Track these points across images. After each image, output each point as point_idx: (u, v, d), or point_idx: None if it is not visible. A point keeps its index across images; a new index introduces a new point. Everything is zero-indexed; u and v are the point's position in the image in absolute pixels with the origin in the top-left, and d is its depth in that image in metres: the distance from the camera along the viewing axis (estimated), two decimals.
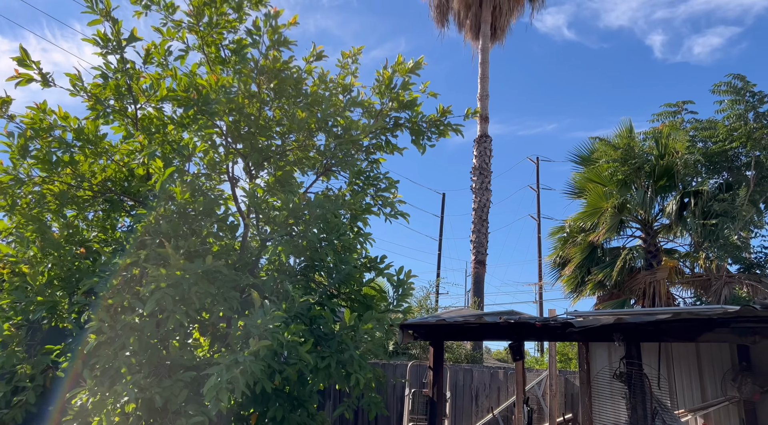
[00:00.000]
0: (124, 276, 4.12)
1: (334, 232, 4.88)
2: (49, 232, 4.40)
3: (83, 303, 3.93)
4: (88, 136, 4.71)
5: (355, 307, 5.23)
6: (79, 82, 4.51)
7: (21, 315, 3.98)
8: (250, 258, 5.34)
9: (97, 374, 3.85)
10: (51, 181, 4.67)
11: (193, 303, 3.95)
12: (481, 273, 16.63)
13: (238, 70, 5.25)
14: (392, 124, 5.55)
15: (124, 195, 5.18)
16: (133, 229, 4.62)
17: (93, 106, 4.61)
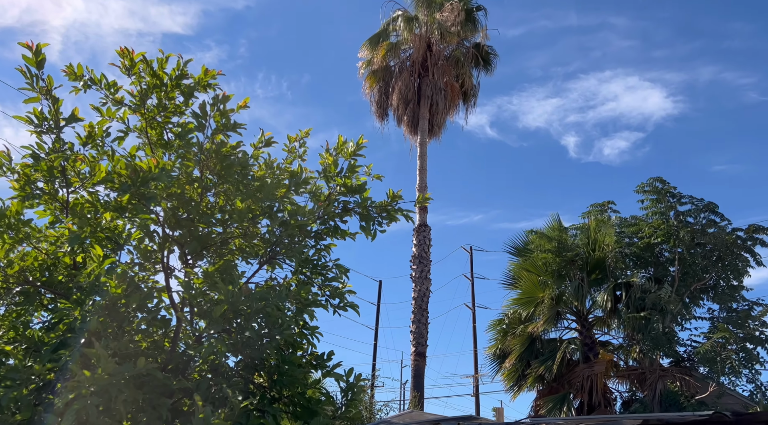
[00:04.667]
0: (36, 382, 3.56)
1: (277, 328, 4.54)
2: None
3: None
4: (9, 220, 4.25)
5: (298, 413, 4.78)
6: (8, 160, 4.13)
7: None
8: (181, 356, 4.84)
9: None
10: None
11: (119, 413, 3.44)
12: (422, 365, 16.20)
13: (181, 154, 5.03)
14: (341, 209, 5.43)
15: (44, 287, 4.65)
16: (53, 326, 4.10)
17: (21, 187, 4.20)
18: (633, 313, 11.09)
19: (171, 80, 4.86)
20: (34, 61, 4.20)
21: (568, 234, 13.12)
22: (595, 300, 12.67)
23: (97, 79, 4.83)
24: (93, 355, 3.41)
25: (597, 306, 12.58)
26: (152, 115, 4.96)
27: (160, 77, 4.83)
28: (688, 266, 11.00)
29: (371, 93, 20.15)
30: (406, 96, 18.98)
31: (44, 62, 4.26)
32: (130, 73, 4.81)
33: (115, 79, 4.91)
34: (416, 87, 19.16)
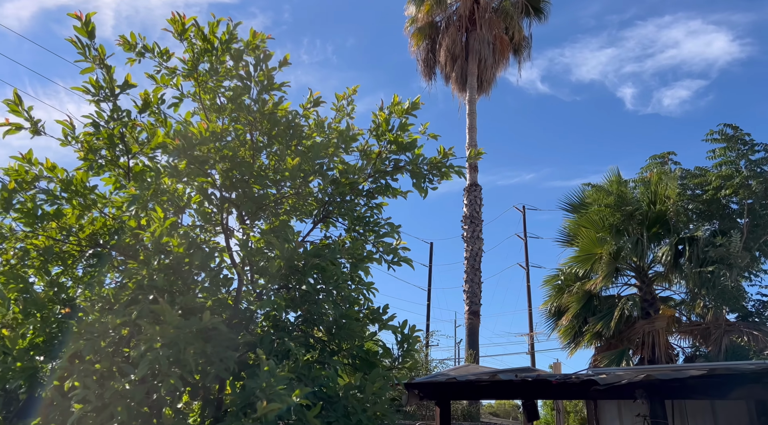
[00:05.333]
0: (113, 336, 3.79)
1: (333, 282, 4.63)
2: (32, 291, 4.08)
3: (66, 370, 3.58)
4: (76, 188, 4.47)
5: (357, 365, 4.91)
6: (72, 129, 4.31)
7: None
8: (244, 313, 5.03)
9: None
10: (35, 236, 4.38)
11: (189, 364, 3.62)
12: (476, 324, 16.26)
13: (234, 118, 5.11)
14: (392, 167, 5.40)
15: (114, 249, 4.90)
16: (124, 285, 4.33)
17: (85, 156, 4.39)
18: (697, 268, 10.67)
19: (221, 44, 4.91)
20: (84, 31, 4.30)
21: (627, 187, 12.64)
22: (655, 255, 12.26)
23: (150, 47, 4.93)
24: (159, 311, 3.58)
25: (657, 261, 12.18)
26: (204, 80, 5.04)
27: (211, 42, 4.87)
28: (758, 218, 10.42)
29: (417, 51, 19.74)
30: (454, 52, 18.48)
31: (94, 32, 4.36)
32: (182, 39, 4.88)
33: (167, 47, 5.00)
34: (464, 42, 18.60)
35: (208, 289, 4.91)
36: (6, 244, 4.19)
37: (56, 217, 4.36)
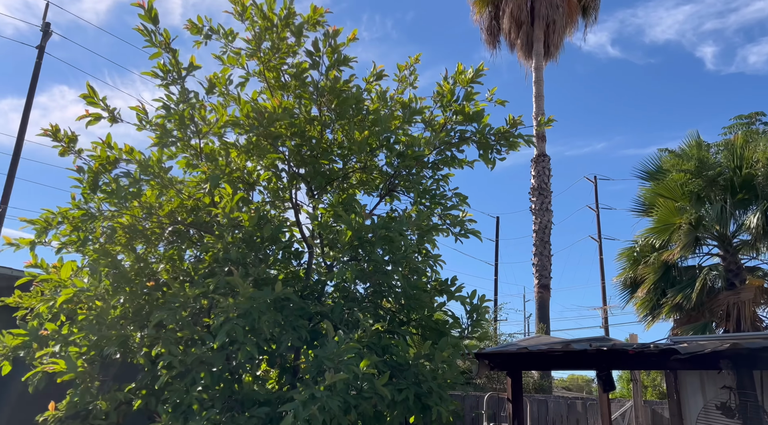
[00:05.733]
0: (193, 307, 4.01)
1: (401, 254, 4.66)
2: (120, 266, 4.37)
3: (154, 337, 3.84)
4: (153, 169, 4.70)
5: (426, 335, 4.95)
6: (145, 114, 4.53)
7: (93, 351, 3.92)
8: (315, 285, 5.18)
9: (169, 409, 3.72)
10: (120, 215, 4.67)
11: (263, 333, 3.79)
12: (546, 297, 15.95)
13: (298, 95, 5.19)
14: (458, 138, 5.32)
15: (190, 226, 5.14)
16: (201, 259, 4.55)
17: (159, 138, 4.61)
18: None
19: (280, 21, 4.96)
20: (148, 17, 4.47)
21: (708, 152, 11.84)
22: (741, 223, 11.47)
23: (216, 29, 5.06)
24: (234, 283, 3.74)
25: (744, 229, 11.39)
26: (268, 58, 5.13)
27: (270, 19, 4.94)
28: None
29: (480, 19, 19.19)
30: (519, 18, 17.84)
31: (158, 18, 4.51)
32: (243, 18, 4.98)
33: (232, 27, 5.12)
34: (529, 7, 17.90)
35: (280, 262, 5.09)
36: (95, 224, 4.49)
37: (137, 197, 4.61)
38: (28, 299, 4.33)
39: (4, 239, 4.44)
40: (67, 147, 4.25)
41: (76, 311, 4.32)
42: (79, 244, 4.53)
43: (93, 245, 4.54)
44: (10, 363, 4.20)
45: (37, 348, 4.20)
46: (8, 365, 4.17)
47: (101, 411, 3.97)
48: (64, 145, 4.23)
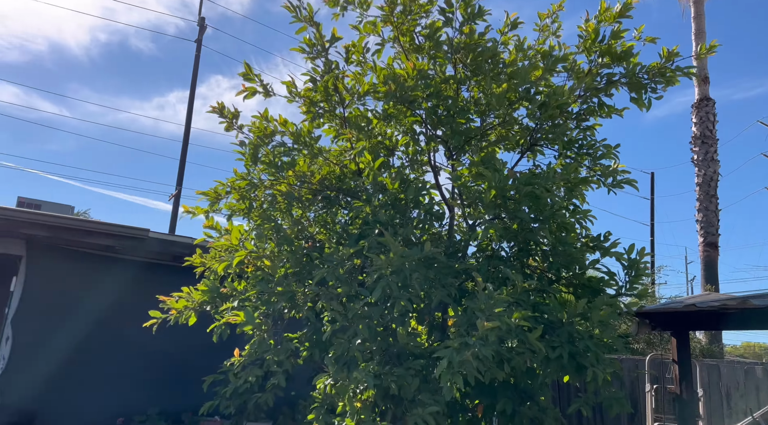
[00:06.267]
0: (348, 265, 4.27)
1: (547, 210, 4.49)
2: (281, 230, 4.78)
3: (316, 293, 4.16)
4: (304, 139, 5.01)
5: (578, 293, 4.76)
6: (294, 88, 4.83)
7: (265, 306, 4.37)
8: (459, 244, 5.21)
9: (332, 361, 4.04)
10: (278, 183, 5.07)
11: (415, 289, 3.92)
12: (713, 256, 14.45)
13: (432, 56, 5.17)
14: (605, 83, 4.95)
15: (339, 192, 5.44)
16: (352, 222, 4.80)
17: (307, 109, 4.90)
18: None
19: None
20: None
21: None
22: None
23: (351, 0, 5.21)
24: (385, 242, 3.90)
25: None
26: (401, 22, 5.16)
27: None
28: None
29: None
30: None
31: None
32: None
33: None
34: None
35: (422, 224, 5.20)
36: (258, 192, 4.94)
37: (292, 166, 4.97)
38: (209, 260, 4.92)
39: (183, 208, 5.08)
40: (231, 122, 4.69)
41: (246, 270, 4.84)
42: (245, 211, 5.03)
43: (257, 211, 5.02)
44: (196, 316, 4.83)
45: (219, 303, 4.79)
46: (194, 317, 4.80)
47: (274, 361, 4.44)
48: (228, 121, 4.67)
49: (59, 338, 6.64)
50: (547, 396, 4.49)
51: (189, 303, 4.79)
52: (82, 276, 6.95)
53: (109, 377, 6.86)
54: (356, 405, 3.60)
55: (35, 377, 6.45)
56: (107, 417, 6.68)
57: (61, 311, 6.71)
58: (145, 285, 7.11)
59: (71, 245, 6.76)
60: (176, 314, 4.78)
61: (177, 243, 6.97)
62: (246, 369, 4.40)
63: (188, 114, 17.06)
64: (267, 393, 4.66)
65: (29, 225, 6.28)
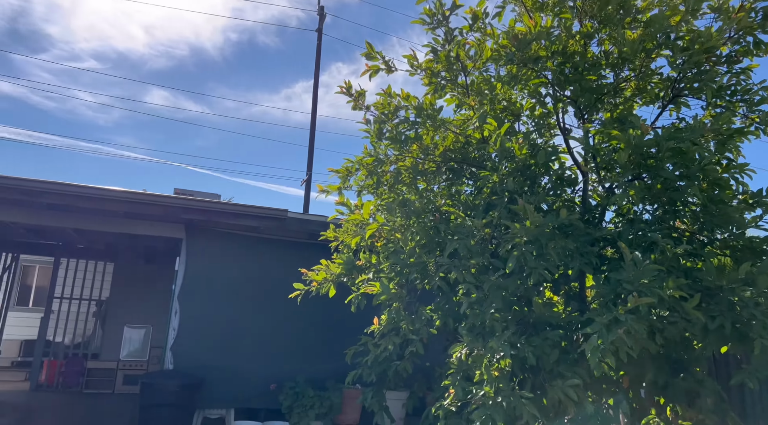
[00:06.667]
0: (478, 236, 4.24)
1: (696, 166, 4.08)
2: (409, 203, 4.87)
3: (448, 265, 4.20)
4: (426, 112, 5.01)
5: (738, 256, 4.31)
6: (415, 61, 4.83)
7: (398, 277, 4.50)
8: (595, 209, 4.94)
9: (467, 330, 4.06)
10: (403, 158, 5.15)
11: (552, 259, 3.80)
12: None
13: (557, 12, 4.87)
14: (761, 18, 4.34)
15: (463, 162, 5.39)
16: (479, 192, 4.75)
17: (429, 81, 4.88)
18: None
19: None
20: None
21: None
22: None
23: None
24: (519, 210, 3.80)
25: None
26: None
27: None
28: None
29: None
30: None
31: None
32: None
33: None
34: None
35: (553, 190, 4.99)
36: (384, 167, 5.05)
37: (416, 140, 5.01)
38: (342, 234, 5.16)
39: (318, 187, 5.35)
40: (357, 101, 4.82)
41: (376, 244, 5.00)
42: (373, 187, 5.18)
43: (384, 187, 5.15)
44: (335, 288, 5.11)
45: (355, 275, 5.03)
46: (333, 289, 5.08)
47: (410, 329, 4.57)
48: (354, 100, 4.81)
49: (217, 311, 7.39)
50: (702, 367, 4.16)
51: (327, 275, 5.08)
52: (232, 254, 7.65)
53: (262, 346, 7.52)
54: (493, 374, 3.60)
55: (200, 345, 7.26)
56: (262, 383, 7.35)
57: (216, 286, 7.45)
58: (285, 261, 7.66)
59: (222, 227, 7.45)
60: (317, 286, 5.10)
61: (312, 221, 7.39)
62: (385, 337, 4.58)
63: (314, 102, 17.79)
64: (405, 360, 4.83)
65: (187, 210, 7.01)
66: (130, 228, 7.41)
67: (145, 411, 6.46)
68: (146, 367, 11.88)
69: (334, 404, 7.11)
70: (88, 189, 6.66)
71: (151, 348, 12.21)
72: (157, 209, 6.98)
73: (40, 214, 7.01)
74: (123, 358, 12.01)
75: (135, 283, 12.31)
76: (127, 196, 6.85)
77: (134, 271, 12.41)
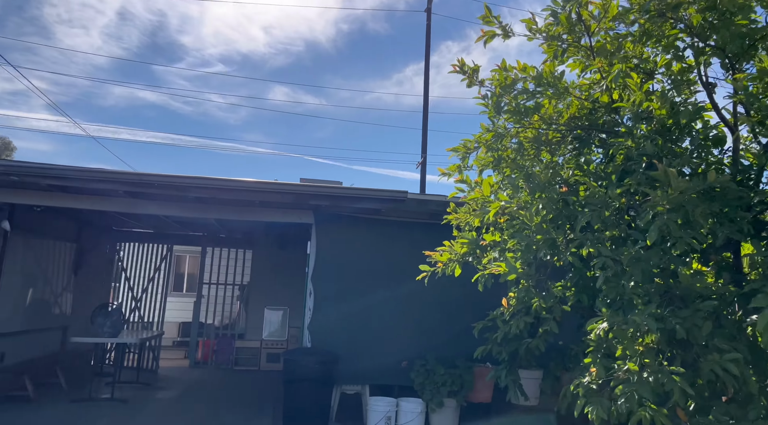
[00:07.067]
0: (613, 206, 3.98)
1: None
2: (533, 176, 4.69)
3: (580, 239, 3.99)
4: (547, 80, 4.77)
5: None
6: (534, 24, 4.60)
7: (526, 254, 4.36)
8: (748, 170, 4.43)
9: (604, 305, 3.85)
10: (524, 130, 4.96)
11: (698, 225, 3.47)
12: None
13: None
14: None
15: (591, 129, 5.08)
16: (612, 158, 4.45)
17: (549, 45, 4.64)
18: None
19: None
20: None
21: None
22: None
23: None
24: (659, 176, 3.50)
25: None
26: None
27: None
28: None
29: None
30: None
31: None
32: None
33: None
34: None
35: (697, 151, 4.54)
36: (504, 141, 4.91)
37: (536, 110, 4.80)
38: (463, 214, 5.12)
39: (439, 170, 5.33)
40: (472, 78, 4.71)
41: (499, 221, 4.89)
42: (493, 163, 5.06)
43: (506, 162, 5.00)
44: (460, 267, 5.08)
45: (480, 254, 4.96)
46: (458, 268, 5.06)
47: (541, 307, 4.43)
48: (469, 77, 4.71)
49: (346, 291, 7.72)
50: None
51: (452, 255, 5.06)
52: (357, 237, 7.93)
53: (390, 325, 7.74)
54: (638, 349, 3.38)
55: (333, 324, 7.64)
56: (393, 360, 7.58)
57: (344, 268, 7.78)
58: (406, 242, 7.78)
59: (346, 211, 7.74)
60: (442, 266, 5.11)
61: (431, 201, 7.41)
62: (515, 317, 4.48)
63: (425, 83, 17.75)
64: (538, 338, 4.70)
65: (315, 197, 7.38)
66: (264, 216, 7.96)
67: (289, 386, 6.95)
68: (286, 346, 12.78)
69: (465, 382, 7.14)
70: (228, 181, 7.25)
71: (289, 328, 13.10)
72: (288, 197, 7.42)
73: (189, 207, 7.76)
74: (265, 338, 13.02)
75: (271, 268, 13.26)
76: (261, 186, 7.36)
77: (270, 257, 13.36)
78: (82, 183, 6.99)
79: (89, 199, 7.49)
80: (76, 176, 6.91)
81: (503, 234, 4.94)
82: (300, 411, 6.87)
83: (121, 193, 7.24)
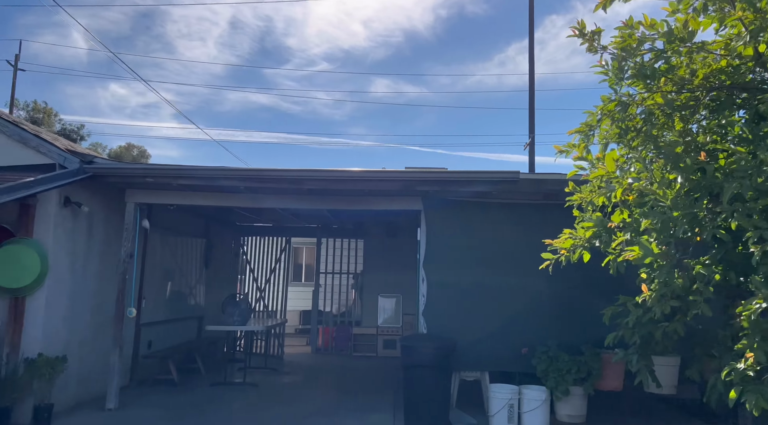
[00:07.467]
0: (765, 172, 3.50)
1: None
2: (664, 146, 4.26)
3: (728, 211, 3.56)
4: (679, 36, 4.29)
5: None
6: None
7: (663, 233, 3.97)
8: None
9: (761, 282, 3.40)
10: (651, 97, 4.52)
11: None
12: None
13: None
14: None
15: (731, 88, 4.52)
16: (763, 119, 3.92)
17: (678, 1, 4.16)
18: None
19: None
20: None
21: None
22: None
23: None
24: None
25: None
26: None
27: None
28: None
29: None
30: None
31: None
32: None
33: None
34: None
35: None
36: (631, 110, 4.50)
37: (667, 72, 4.35)
38: (588, 193, 4.77)
39: (555, 148, 4.98)
40: (592, 42, 4.36)
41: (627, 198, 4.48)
42: (619, 135, 4.65)
43: (633, 133, 4.58)
44: (589, 252, 4.72)
45: (607, 237, 4.58)
46: (587, 254, 4.71)
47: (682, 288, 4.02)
48: (589, 40, 4.36)
49: (459, 276, 7.59)
50: None
51: (576, 241, 4.73)
52: (467, 221, 7.75)
53: (507, 310, 7.50)
54: None
55: (448, 310, 7.56)
56: (511, 347, 7.35)
57: (456, 253, 7.65)
58: (520, 224, 7.50)
59: (455, 195, 7.60)
60: (566, 253, 4.79)
61: (547, 180, 7.06)
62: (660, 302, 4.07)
63: (530, 60, 16.93)
64: (675, 322, 4.29)
65: (423, 182, 7.33)
66: (373, 204, 8.03)
67: (408, 371, 6.99)
68: (400, 333, 12.95)
69: (592, 369, 6.76)
70: (338, 172, 7.41)
71: (403, 315, 13.25)
72: (395, 184, 7.43)
73: (303, 199, 8.03)
74: (380, 325, 13.28)
75: (383, 256, 13.48)
76: (370, 174, 7.44)
77: (381, 245, 13.58)
78: (208, 181, 7.49)
79: (215, 195, 8.01)
80: (203, 175, 7.42)
81: (633, 213, 4.54)
82: (420, 396, 6.89)
83: (242, 188, 7.67)
